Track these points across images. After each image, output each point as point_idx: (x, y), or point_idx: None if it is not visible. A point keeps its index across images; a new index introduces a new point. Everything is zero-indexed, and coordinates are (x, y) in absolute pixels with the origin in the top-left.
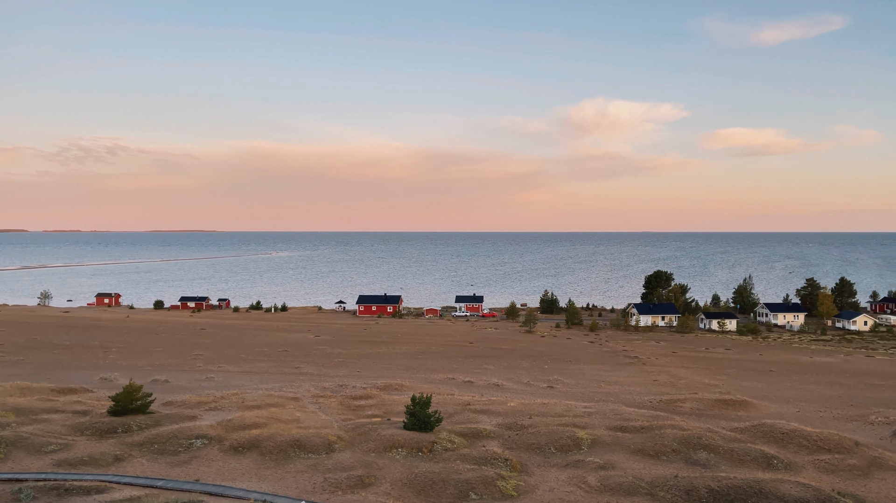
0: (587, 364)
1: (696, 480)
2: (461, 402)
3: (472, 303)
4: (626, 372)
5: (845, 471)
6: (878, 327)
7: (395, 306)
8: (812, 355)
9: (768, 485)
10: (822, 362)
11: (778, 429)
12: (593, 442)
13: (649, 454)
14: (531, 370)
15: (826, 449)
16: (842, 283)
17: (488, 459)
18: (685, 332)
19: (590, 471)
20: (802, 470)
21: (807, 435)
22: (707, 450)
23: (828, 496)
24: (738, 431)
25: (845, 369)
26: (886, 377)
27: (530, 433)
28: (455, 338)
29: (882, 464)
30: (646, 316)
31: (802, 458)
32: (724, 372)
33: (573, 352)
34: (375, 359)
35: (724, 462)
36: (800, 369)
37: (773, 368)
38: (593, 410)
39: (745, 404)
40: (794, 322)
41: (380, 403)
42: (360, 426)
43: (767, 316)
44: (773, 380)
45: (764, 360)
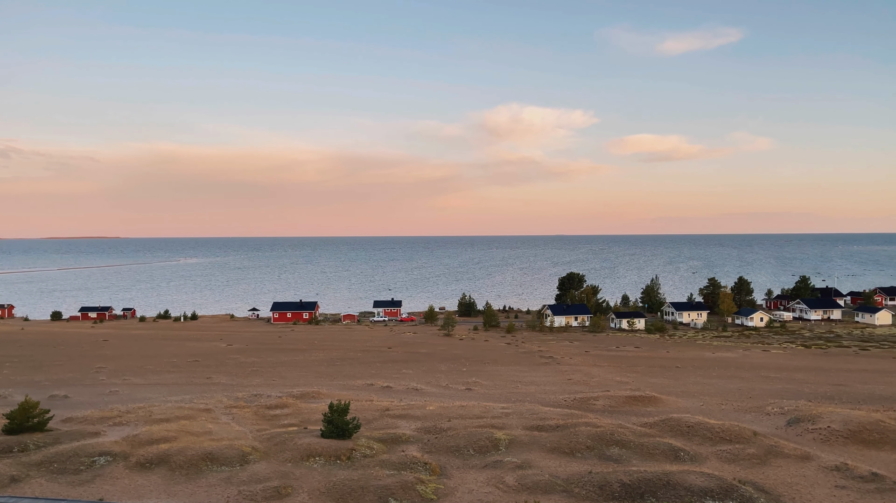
0: (504, 365)
1: (609, 475)
2: (380, 408)
3: (390, 308)
4: (542, 372)
5: (745, 460)
6: (772, 323)
7: (312, 313)
8: (714, 351)
9: (676, 477)
10: (724, 357)
11: (684, 422)
12: (511, 442)
13: (565, 452)
14: (450, 373)
15: (727, 440)
16: (740, 282)
17: (408, 464)
18: (597, 332)
19: (508, 471)
20: (706, 460)
21: (710, 427)
22: (619, 446)
23: (729, 484)
24: (648, 426)
25: (744, 363)
26: (780, 370)
27: (449, 436)
28: (373, 344)
29: (778, 451)
30: (560, 317)
31: (706, 450)
32: (634, 369)
33: (491, 353)
34: (291, 367)
35: (635, 456)
36: (703, 365)
37: (679, 364)
38: (511, 411)
39: (654, 400)
40: (697, 320)
41: (296, 412)
42: (275, 436)
43: (673, 314)
44: (679, 375)
45: (671, 357)
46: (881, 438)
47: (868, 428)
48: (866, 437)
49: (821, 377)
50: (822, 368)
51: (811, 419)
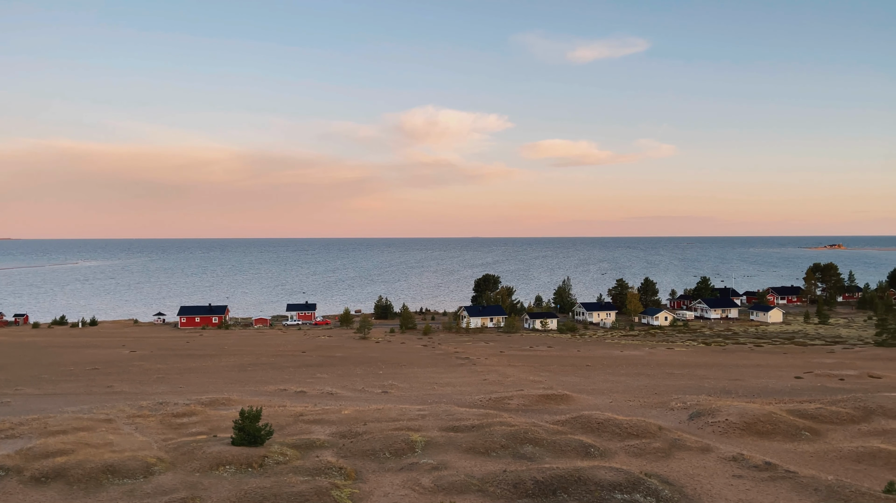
0: (421, 367)
1: (523, 473)
2: (294, 413)
3: (304, 312)
4: (458, 373)
5: (651, 454)
6: (676, 322)
7: (221, 317)
8: (622, 349)
9: (586, 472)
10: (631, 355)
11: (594, 419)
12: (427, 443)
13: (480, 451)
14: (366, 376)
15: (635, 434)
16: (646, 283)
17: (322, 469)
18: (512, 332)
19: (423, 472)
20: (615, 455)
21: (619, 423)
22: (532, 444)
23: (637, 477)
24: (560, 423)
25: (650, 361)
26: (683, 366)
27: (365, 440)
28: (287, 348)
29: (681, 445)
30: (476, 318)
31: (615, 445)
32: (547, 368)
33: (407, 356)
34: (200, 374)
35: (548, 454)
36: (612, 363)
37: (589, 363)
38: (427, 412)
39: (566, 398)
40: (606, 319)
41: (205, 420)
42: (182, 445)
43: (584, 314)
44: (589, 373)
45: (581, 356)
46: (773, 429)
47: (762, 419)
48: (760, 429)
49: (720, 373)
50: (720, 364)
51: (711, 413)
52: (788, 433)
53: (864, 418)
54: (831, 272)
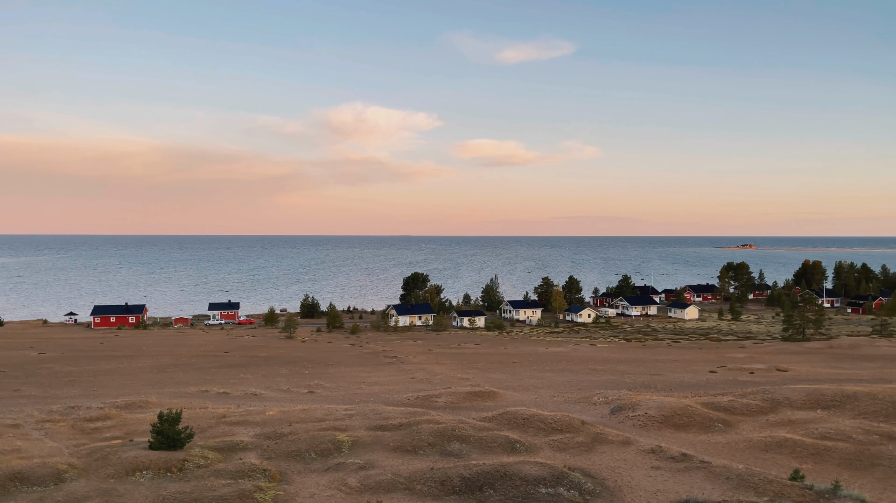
0: (348, 366)
1: (450, 470)
2: (216, 415)
3: (227, 311)
4: (386, 371)
5: (574, 448)
6: (598, 319)
7: (139, 316)
8: (547, 346)
9: (512, 468)
10: (556, 352)
11: (520, 415)
12: (354, 443)
13: (407, 450)
14: (291, 376)
15: (559, 429)
16: (571, 282)
17: (245, 472)
18: (440, 330)
19: (350, 472)
20: (540, 450)
21: (543, 418)
22: (460, 441)
23: (560, 471)
24: (487, 420)
25: (574, 357)
26: (606, 362)
27: (290, 440)
28: (208, 348)
29: (603, 439)
30: (404, 316)
31: (540, 440)
32: (475, 365)
33: (334, 355)
34: (115, 376)
35: (475, 450)
36: (538, 359)
37: (515, 360)
38: (354, 412)
39: (493, 394)
40: (532, 317)
41: (121, 423)
42: (96, 450)
43: (511, 312)
44: (516, 370)
45: (508, 353)
46: (689, 422)
47: (679, 413)
48: (677, 422)
49: (640, 368)
50: (641, 360)
51: (631, 407)
52: (703, 425)
53: (772, 409)
54: (743, 271)
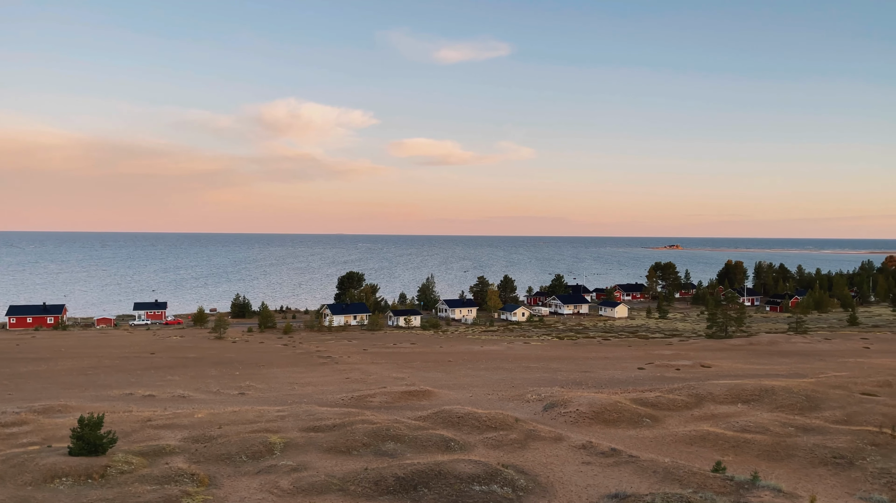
0: (281, 367)
1: (385, 470)
2: (141, 419)
3: (153, 311)
4: (320, 372)
5: (508, 445)
6: (532, 317)
7: (58, 317)
8: (483, 345)
9: (447, 466)
10: (491, 350)
11: (455, 413)
12: (286, 445)
13: (341, 450)
14: (221, 378)
15: (493, 427)
16: (505, 281)
17: (172, 477)
18: (375, 330)
19: (282, 474)
20: (474, 448)
21: (478, 416)
22: (394, 441)
23: (494, 469)
24: (422, 419)
25: (508, 355)
26: (539, 360)
27: (220, 443)
28: (133, 350)
29: (536, 435)
30: (339, 316)
31: (474, 438)
32: (410, 365)
33: (266, 356)
34: (32, 379)
35: (409, 450)
36: (473, 358)
37: (451, 359)
38: (286, 413)
39: (428, 393)
40: (468, 316)
41: (38, 429)
42: (11, 457)
43: (447, 311)
44: (451, 369)
45: (444, 352)
46: (619, 417)
47: (608, 408)
48: (607, 417)
49: (572, 365)
50: (572, 357)
51: (563, 404)
52: (632, 420)
53: (696, 404)
54: (670, 271)
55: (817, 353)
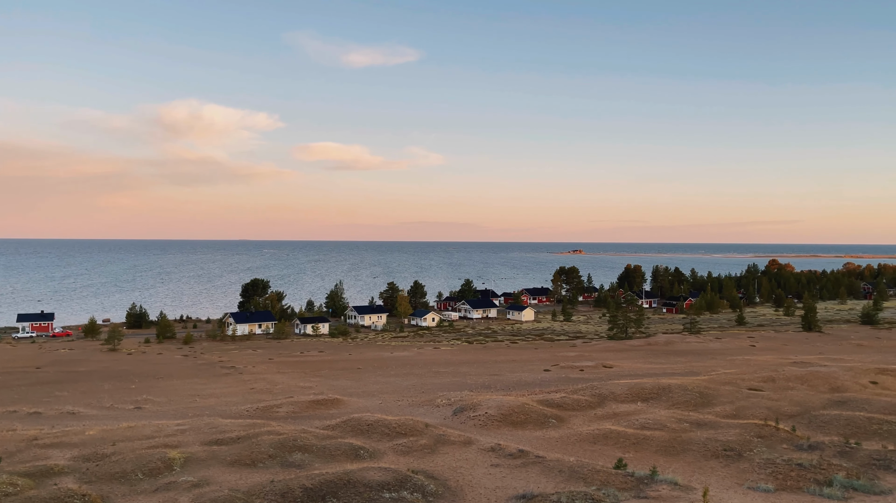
0: (181, 379)
1: (292, 481)
2: (26, 438)
3: (39, 322)
4: (223, 383)
5: (418, 451)
6: (442, 322)
7: None
8: (392, 351)
9: (356, 475)
10: (401, 356)
11: (364, 421)
12: (187, 460)
13: (246, 463)
14: (115, 392)
15: (403, 433)
16: (416, 286)
17: (61, 498)
18: (282, 338)
19: (182, 491)
20: (384, 455)
21: (388, 423)
22: (302, 451)
23: (404, 475)
24: (331, 428)
25: (418, 361)
26: (448, 365)
27: (114, 461)
28: (16, 364)
29: (446, 440)
30: (243, 324)
31: (384, 445)
32: (318, 373)
33: (165, 367)
34: None
35: (317, 460)
36: (382, 364)
37: (360, 366)
38: (187, 427)
39: (337, 402)
40: (378, 322)
41: None
42: None
43: (356, 318)
44: (360, 376)
45: (353, 359)
46: (526, 419)
47: (516, 411)
48: (515, 419)
49: (481, 369)
50: (481, 361)
51: (473, 407)
52: (538, 421)
53: (599, 404)
54: (574, 275)
55: (709, 352)
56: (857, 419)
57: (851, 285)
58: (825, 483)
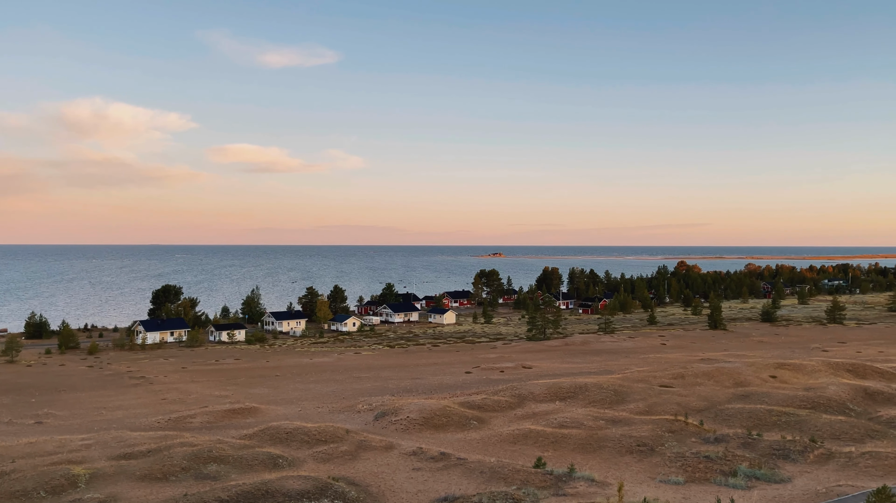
0: (85, 391)
1: (206, 494)
2: None
3: None
4: (132, 394)
5: (339, 458)
6: (363, 327)
7: None
8: (312, 357)
9: (274, 484)
10: (321, 362)
11: (283, 429)
12: (93, 476)
13: (157, 477)
14: (14, 406)
15: (323, 440)
16: (336, 291)
17: None
18: (195, 346)
19: None
20: (304, 463)
21: (307, 430)
22: (217, 462)
23: (325, 483)
24: (247, 438)
25: (339, 367)
26: (370, 369)
27: (14, 479)
28: None
29: (367, 445)
30: (154, 332)
31: (304, 453)
32: (235, 381)
33: (68, 379)
34: None
35: (234, 470)
36: (302, 371)
37: (279, 373)
38: (92, 441)
39: (254, 410)
40: (297, 328)
41: None
42: None
43: (274, 324)
44: (279, 384)
45: (271, 366)
46: (447, 422)
47: (438, 414)
48: (436, 422)
49: (402, 373)
50: (403, 365)
51: (394, 412)
52: (460, 423)
53: (519, 404)
54: (494, 278)
55: (623, 351)
56: (759, 412)
57: (753, 285)
58: (730, 473)
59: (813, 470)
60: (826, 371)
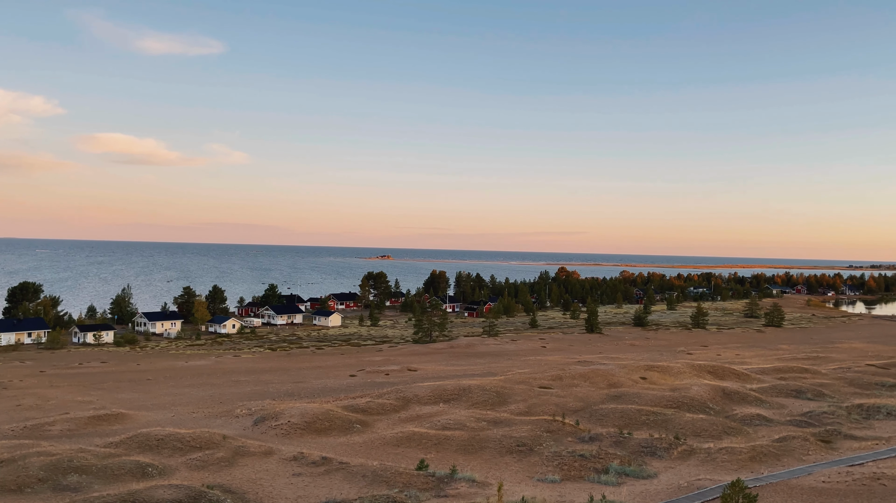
0: None
1: None
2: None
3: None
4: None
5: (214, 465)
6: (243, 329)
7: None
8: (188, 360)
9: (142, 495)
10: (197, 366)
11: (153, 436)
12: None
13: (11, 489)
14: None
15: (198, 447)
16: (215, 291)
17: None
18: (56, 348)
19: None
20: (176, 471)
21: (180, 437)
22: (79, 472)
23: (198, 491)
24: (114, 446)
25: (216, 370)
26: (250, 373)
27: None
28: None
29: (245, 451)
30: (9, 333)
31: (176, 460)
32: (100, 386)
33: None
34: None
35: (97, 481)
36: (176, 374)
37: (150, 377)
38: None
39: (122, 417)
40: (171, 329)
41: None
42: None
43: (146, 325)
44: (150, 388)
45: (142, 370)
46: (330, 426)
47: (320, 418)
48: (319, 426)
49: (285, 376)
50: (285, 368)
51: (275, 416)
52: (343, 427)
53: (403, 407)
54: (381, 280)
55: (506, 353)
56: (630, 411)
57: (627, 291)
58: (603, 471)
59: (677, 465)
60: (690, 373)
